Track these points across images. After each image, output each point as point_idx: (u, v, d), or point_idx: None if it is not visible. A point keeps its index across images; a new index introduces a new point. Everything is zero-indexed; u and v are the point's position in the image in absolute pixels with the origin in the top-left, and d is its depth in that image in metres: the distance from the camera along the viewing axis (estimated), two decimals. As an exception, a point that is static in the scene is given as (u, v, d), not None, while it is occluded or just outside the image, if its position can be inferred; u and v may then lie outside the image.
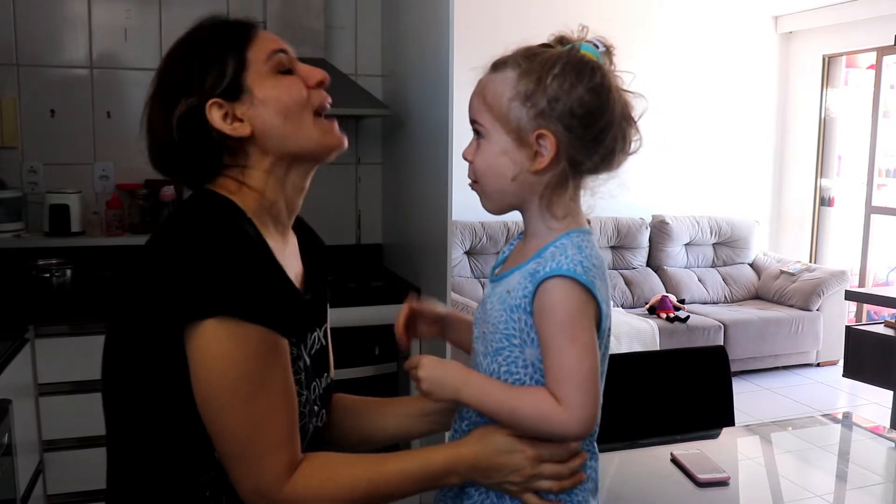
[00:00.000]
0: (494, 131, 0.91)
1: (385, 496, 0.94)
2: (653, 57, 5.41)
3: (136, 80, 2.93)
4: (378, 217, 3.25)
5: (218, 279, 0.87)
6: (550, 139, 0.88)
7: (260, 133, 0.99)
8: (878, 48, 5.40)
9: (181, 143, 0.98)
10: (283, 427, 0.90)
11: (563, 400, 0.87)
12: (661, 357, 2.56)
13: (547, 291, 0.88)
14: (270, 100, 0.99)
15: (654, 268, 5.42)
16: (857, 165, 5.72)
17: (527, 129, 0.89)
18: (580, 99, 0.88)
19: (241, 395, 0.88)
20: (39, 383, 2.39)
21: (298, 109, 1.00)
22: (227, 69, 0.98)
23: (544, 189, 0.91)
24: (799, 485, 1.68)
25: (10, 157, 2.81)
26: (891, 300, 3.60)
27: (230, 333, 0.87)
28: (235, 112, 0.98)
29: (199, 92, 0.97)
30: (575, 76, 0.88)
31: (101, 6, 2.87)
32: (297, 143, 1.01)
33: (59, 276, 2.59)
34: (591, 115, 0.89)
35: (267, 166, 1.01)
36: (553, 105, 0.88)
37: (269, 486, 0.89)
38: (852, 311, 5.64)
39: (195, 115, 0.97)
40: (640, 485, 1.56)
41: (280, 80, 1.00)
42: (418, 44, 2.78)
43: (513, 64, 0.91)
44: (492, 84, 0.92)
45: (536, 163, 0.90)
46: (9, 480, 1.98)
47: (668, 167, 5.57)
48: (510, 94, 0.90)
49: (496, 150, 0.91)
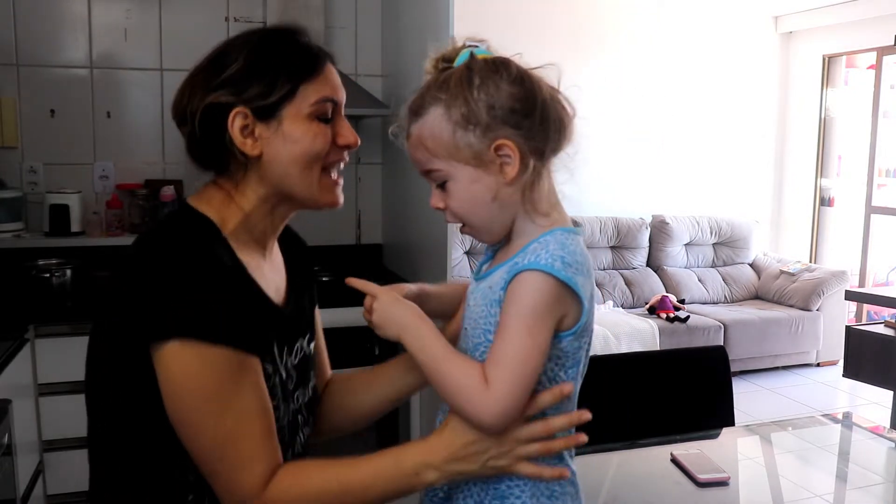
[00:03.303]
0: (453, 169, 0.90)
1: (360, 499, 0.92)
2: (653, 57, 5.41)
3: (136, 80, 2.94)
4: (378, 217, 3.25)
5: (181, 301, 0.88)
6: (509, 145, 0.88)
7: (267, 161, 0.99)
8: (878, 48, 5.40)
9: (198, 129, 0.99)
10: (255, 442, 0.90)
11: (492, 382, 0.86)
12: (661, 357, 2.56)
13: (519, 282, 0.88)
14: (292, 139, 0.98)
15: (654, 268, 5.42)
16: (857, 165, 5.72)
17: (482, 149, 0.88)
18: (510, 94, 0.88)
19: (208, 413, 0.88)
20: (39, 383, 2.40)
21: (312, 161, 1.00)
22: (274, 91, 0.97)
23: (523, 193, 0.91)
24: (799, 485, 1.68)
25: (10, 157, 2.81)
26: (891, 300, 3.59)
27: (193, 355, 0.87)
28: (255, 130, 0.98)
29: (238, 94, 0.97)
30: (494, 77, 0.88)
31: (101, 6, 2.87)
32: (296, 188, 1.01)
33: (59, 276, 2.59)
34: (526, 102, 0.88)
35: (261, 194, 1.01)
36: (493, 113, 0.87)
37: (245, 498, 0.89)
38: (852, 311, 5.64)
39: (220, 111, 0.97)
40: (640, 485, 1.56)
41: (312, 126, 0.99)
42: (418, 44, 2.78)
43: (432, 101, 0.90)
44: (425, 129, 0.91)
45: (506, 173, 0.89)
46: (9, 480, 1.98)
47: (669, 167, 5.57)
48: (448, 127, 0.89)
49: (464, 185, 0.90)
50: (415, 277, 2.78)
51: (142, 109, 2.96)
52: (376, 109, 2.89)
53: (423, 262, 2.71)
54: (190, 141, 1.02)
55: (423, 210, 2.70)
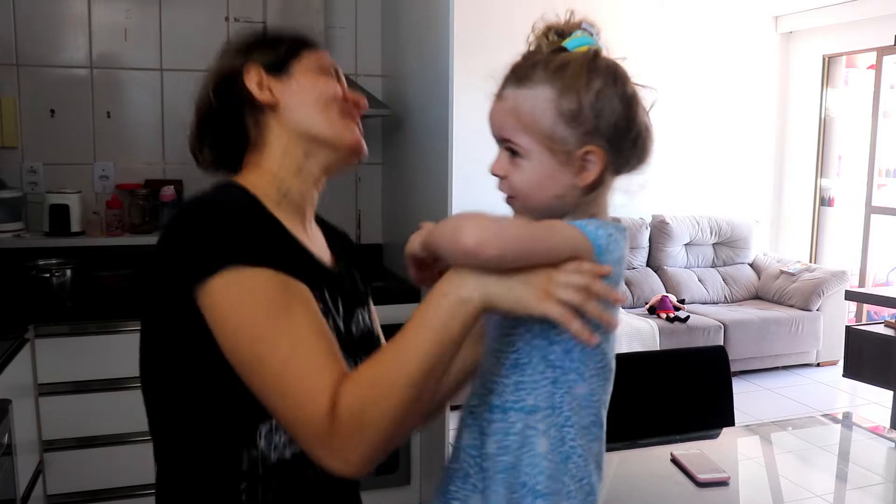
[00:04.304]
0: (535, 150, 0.90)
1: (420, 354, 0.83)
2: (653, 57, 5.41)
3: (136, 80, 2.94)
4: (378, 217, 3.25)
5: (216, 237, 0.88)
6: (598, 153, 0.89)
7: (285, 108, 1.02)
8: (878, 48, 5.40)
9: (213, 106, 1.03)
10: (316, 354, 0.85)
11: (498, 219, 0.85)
12: (661, 357, 2.56)
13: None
14: (307, 86, 1.03)
15: (654, 268, 5.42)
16: (857, 165, 5.72)
17: (573, 147, 0.89)
18: (619, 111, 0.89)
19: (261, 342, 0.85)
20: (39, 383, 2.40)
21: (328, 101, 1.03)
22: (280, 49, 1.04)
23: (583, 195, 0.92)
24: (799, 485, 1.68)
25: (10, 157, 2.81)
26: (891, 300, 3.60)
27: (237, 284, 0.86)
28: (270, 85, 1.02)
29: (246, 56, 1.03)
30: (611, 88, 0.89)
31: (101, 6, 2.87)
32: (317, 127, 1.02)
33: (59, 276, 2.59)
34: (628, 123, 0.90)
35: (284, 144, 1.02)
36: (598, 123, 0.88)
37: (321, 424, 0.81)
38: (852, 311, 5.64)
39: (234, 78, 1.02)
40: (640, 485, 1.56)
41: (322, 77, 1.04)
42: (418, 44, 2.78)
43: (542, 78, 0.89)
44: (526, 102, 0.90)
45: (583, 178, 0.90)
46: (9, 480, 1.98)
47: (668, 167, 5.57)
48: (552, 114, 0.88)
49: (540, 171, 0.90)
50: (415, 277, 2.78)
51: (142, 109, 2.96)
52: (376, 109, 2.89)
53: (423, 262, 2.71)
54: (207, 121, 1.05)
55: (424, 210, 2.70)
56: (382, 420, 0.82)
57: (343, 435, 0.81)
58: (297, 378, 0.83)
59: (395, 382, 0.82)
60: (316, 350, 0.85)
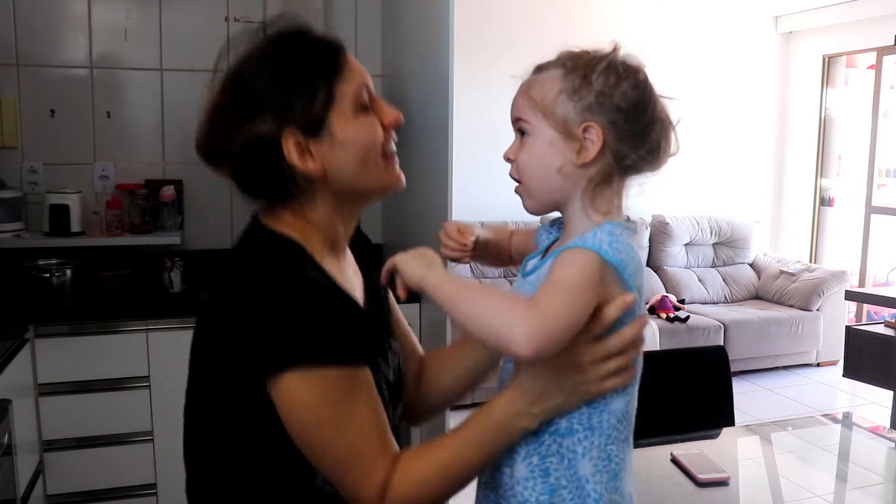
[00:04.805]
0: (540, 125, 0.92)
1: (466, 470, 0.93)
2: (653, 57, 5.39)
3: (136, 80, 2.93)
4: (378, 217, 3.25)
5: (288, 330, 0.88)
6: (597, 131, 0.89)
7: (331, 172, 0.97)
8: (878, 48, 5.40)
9: (246, 164, 0.96)
10: (374, 448, 0.92)
11: (540, 301, 0.82)
12: (661, 357, 2.56)
13: (562, 255, 0.88)
14: (349, 142, 0.96)
15: (654, 268, 5.42)
16: (857, 165, 5.72)
17: (573, 122, 0.90)
18: (625, 94, 0.90)
19: (329, 435, 0.90)
20: (39, 383, 2.40)
21: (372, 153, 0.99)
22: (316, 101, 0.94)
23: (588, 183, 0.92)
24: (799, 485, 1.68)
25: (10, 157, 2.81)
26: (891, 300, 3.60)
27: (308, 384, 0.88)
28: (310, 148, 0.95)
29: (281, 117, 0.93)
30: (620, 73, 0.90)
31: (101, 6, 2.87)
32: (365, 185, 1.01)
33: (59, 276, 2.59)
34: (635, 109, 0.90)
35: (332, 204, 1.00)
36: (600, 99, 0.89)
37: (369, 494, 0.90)
38: (852, 311, 5.64)
39: (268, 141, 0.94)
40: (640, 485, 1.55)
41: (360, 121, 0.98)
42: (418, 44, 2.78)
43: (557, 64, 0.93)
44: (537, 83, 0.93)
45: (582, 155, 0.90)
46: (9, 480, 1.98)
47: (668, 167, 5.56)
48: (557, 89, 0.91)
49: (542, 143, 0.92)
50: (415, 277, 2.78)
51: (142, 109, 2.96)
52: (376, 109, 2.89)
53: (423, 262, 2.71)
54: (238, 177, 0.98)
55: (424, 210, 2.70)
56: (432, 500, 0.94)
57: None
58: (354, 464, 0.91)
59: (444, 484, 0.93)
60: (374, 439, 0.92)
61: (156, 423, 2.46)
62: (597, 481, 0.91)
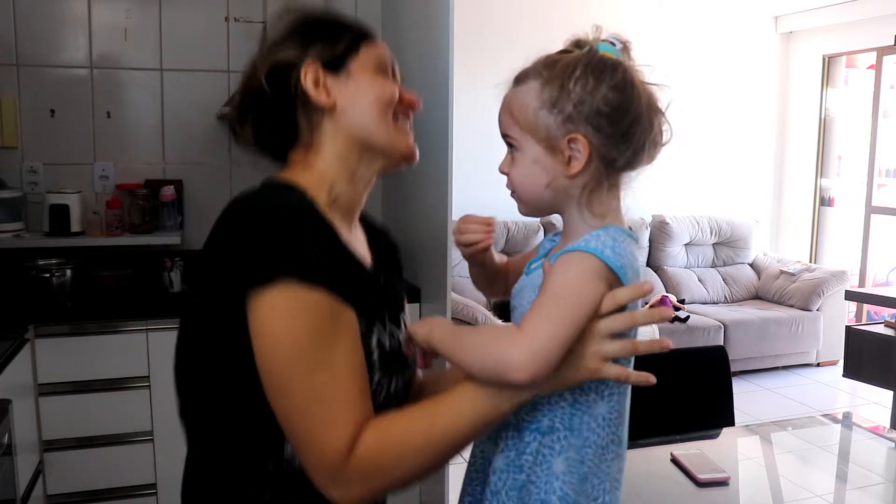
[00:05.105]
0: (525, 142, 0.91)
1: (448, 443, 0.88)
2: (653, 57, 5.39)
3: (136, 80, 2.93)
4: (378, 217, 3.24)
5: (276, 243, 0.85)
6: (583, 142, 0.88)
7: (341, 110, 0.99)
8: (878, 48, 5.40)
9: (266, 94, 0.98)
10: (345, 402, 0.86)
11: (525, 327, 0.83)
12: (661, 357, 2.56)
13: (563, 258, 0.87)
14: (364, 87, 1.00)
15: (654, 268, 5.42)
16: (857, 165, 5.72)
17: (557, 136, 0.89)
18: (605, 98, 0.88)
19: (299, 367, 0.85)
20: (39, 383, 2.40)
21: (385, 106, 1.00)
22: (339, 43, 1.00)
23: (581, 191, 0.91)
24: (799, 485, 1.68)
25: (10, 157, 2.81)
26: (891, 300, 3.60)
27: (289, 301, 0.84)
28: (327, 83, 0.98)
29: (304, 49, 0.99)
30: (596, 76, 0.89)
31: (101, 6, 2.87)
32: (373, 133, 1.00)
33: (59, 276, 2.59)
34: (617, 112, 0.89)
35: (339, 148, 1.00)
36: (579, 108, 0.88)
37: (331, 462, 0.85)
38: (852, 311, 5.64)
39: (289, 70, 0.98)
40: (640, 485, 1.56)
41: (379, 78, 1.02)
42: (418, 44, 2.78)
43: (534, 75, 0.92)
44: (517, 97, 0.92)
45: (571, 168, 0.90)
46: (9, 480, 1.98)
47: (668, 167, 5.57)
48: (535, 103, 0.90)
49: (529, 160, 0.92)
50: (415, 277, 2.78)
51: (142, 109, 2.96)
52: (376, 109, 2.89)
53: (423, 262, 2.71)
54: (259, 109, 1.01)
55: (424, 210, 2.70)
56: (396, 474, 0.88)
57: (353, 474, 0.85)
58: (322, 409, 0.85)
59: (421, 450, 0.87)
60: (347, 387, 0.87)
61: (156, 423, 2.46)
62: (565, 481, 0.90)
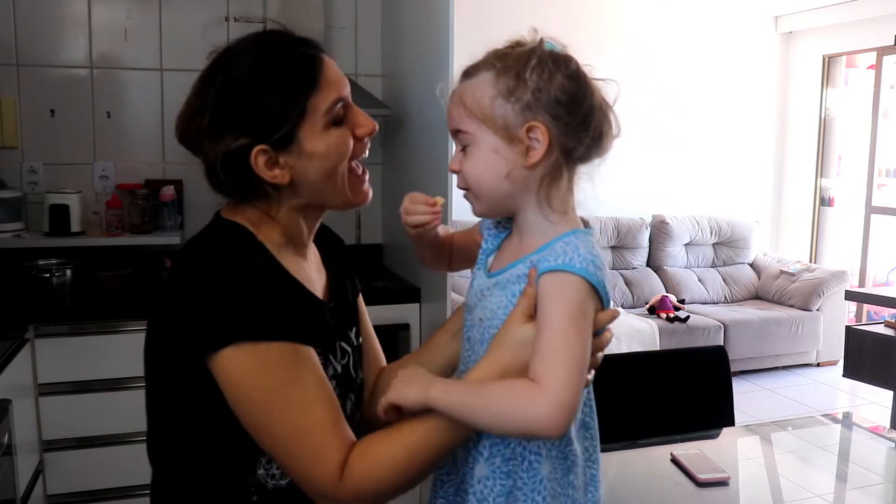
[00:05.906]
0: (481, 133, 0.90)
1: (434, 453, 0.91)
2: (653, 57, 5.41)
3: (136, 80, 2.94)
4: (378, 217, 3.25)
5: (226, 309, 0.89)
6: (542, 130, 0.88)
7: (297, 183, 0.99)
8: (878, 48, 5.40)
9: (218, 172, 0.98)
10: (324, 431, 0.91)
11: (541, 378, 0.83)
12: (661, 357, 2.56)
13: (559, 283, 0.87)
14: (316, 155, 0.98)
15: (654, 268, 5.42)
16: (857, 165, 5.72)
17: (515, 125, 0.88)
18: (562, 86, 0.88)
19: (273, 411, 0.90)
20: (39, 383, 2.40)
21: (338, 165, 1.00)
22: (289, 118, 0.95)
23: (540, 183, 0.91)
24: (799, 485, 1.68)
25: (10, 157, 2.81)
26: (891, 300, 3.59)
27: (247, 356, 0.89)
28: (279, 159, 0.97)
29: (254, 134, 0.95)
30: (552, 65, 0.88)
31: (101, 6, 2.87)
32: (329, 197, 1.02)
33: (59, 276, 2.59)
34: (574, 100, 0.89)
35: (294, 207, 1.02)
36: (538, 96, 0.87)
37: (324, 489, 0.90)
38: (852, 311, 5.64)
39: (239, 153, 0.96)
40: (640, 485, 1.56)
41: (331, 134, 0.98)
42: (418, 44, 2.78)
43: (486, 66, 0.91)
44: (469, 89, 0.91)
45: (530, 157, 0.89)
46: (9, 480, 1.99)
47: (669, 167, 5.57)
48: (491, 93, 0.89)
49: (486, 151, 0.90)
50: (415, 277, 2.78)
51: (142, 109, 2.96)
52: (376, 109, 2.89)
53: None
54: (211, 177, 1.00)
55: (423, 210, 2.70)
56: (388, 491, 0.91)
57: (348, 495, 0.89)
58: (305, 444, 0.90)
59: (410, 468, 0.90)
60: (322, 418, 0.91)
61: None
62: (551, 478, 0.91)
